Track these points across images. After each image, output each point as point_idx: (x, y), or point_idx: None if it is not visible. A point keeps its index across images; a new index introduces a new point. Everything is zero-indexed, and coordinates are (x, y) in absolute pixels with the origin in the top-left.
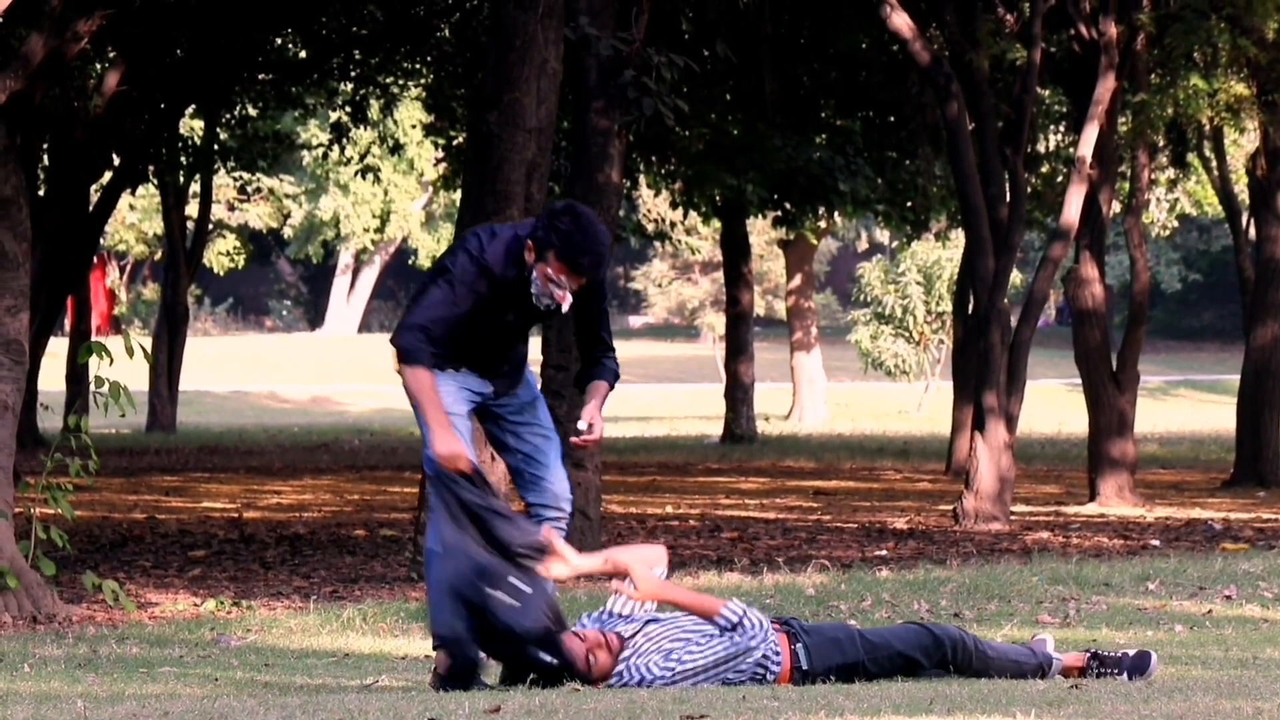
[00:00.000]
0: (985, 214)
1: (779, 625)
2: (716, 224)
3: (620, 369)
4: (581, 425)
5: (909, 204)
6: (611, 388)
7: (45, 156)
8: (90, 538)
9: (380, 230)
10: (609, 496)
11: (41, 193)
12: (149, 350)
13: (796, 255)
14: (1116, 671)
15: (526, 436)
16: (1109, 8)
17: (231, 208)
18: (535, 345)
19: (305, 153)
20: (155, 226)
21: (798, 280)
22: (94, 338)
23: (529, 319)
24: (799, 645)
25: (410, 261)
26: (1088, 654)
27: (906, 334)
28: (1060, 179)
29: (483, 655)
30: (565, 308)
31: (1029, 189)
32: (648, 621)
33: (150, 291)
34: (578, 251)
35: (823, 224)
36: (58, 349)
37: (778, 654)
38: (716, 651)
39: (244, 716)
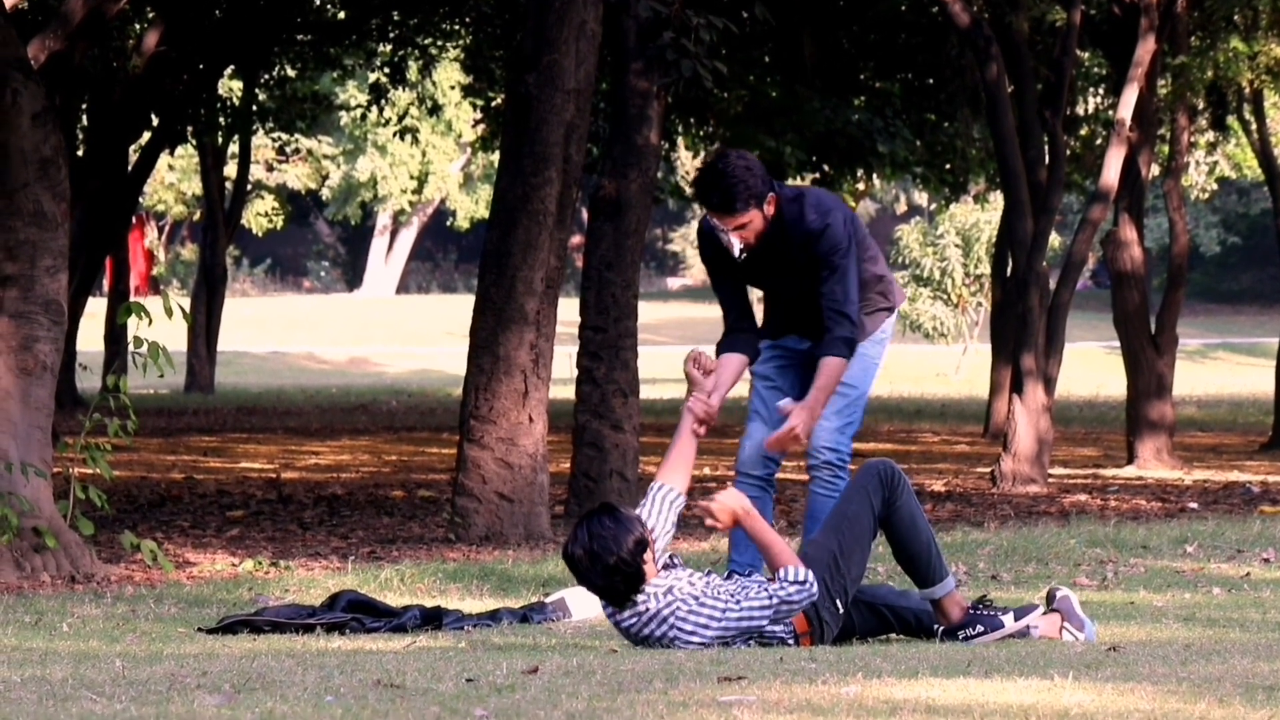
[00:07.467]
0: (1024, 176)
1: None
2: None
3: (855, 334)
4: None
5: (948, 166)
6: (845, 359)
7: (84, 117)
8: (128, 498)
9: (418, 191)
10: (647, 458)
11: (80, 153)
12: (187, 311)
13: None
14: (983, 631)
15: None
16: None
17: (270, 168)
18: (573, 306)
19: (344, 114)
20: (194, 187)
21: None
22: (132, 298)
23: (780, 270)
24: None
25: (448, 223)
26: (969, 608)
27: (945, 296)
28: (1099, 141)
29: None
30: (736, 252)
31: (1068, 151)
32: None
33: (189, 252)
34: (697, 189)
35: (861, 186)
36: (96, 309)
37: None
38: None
39: (282, 677)
